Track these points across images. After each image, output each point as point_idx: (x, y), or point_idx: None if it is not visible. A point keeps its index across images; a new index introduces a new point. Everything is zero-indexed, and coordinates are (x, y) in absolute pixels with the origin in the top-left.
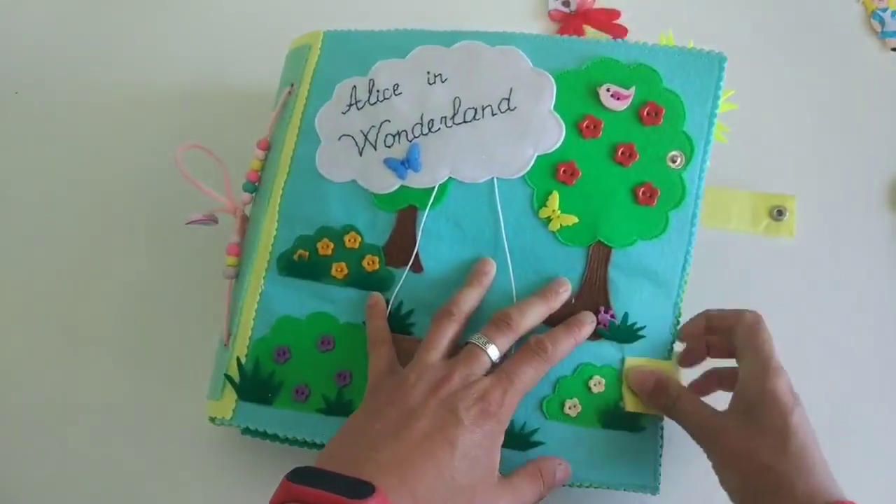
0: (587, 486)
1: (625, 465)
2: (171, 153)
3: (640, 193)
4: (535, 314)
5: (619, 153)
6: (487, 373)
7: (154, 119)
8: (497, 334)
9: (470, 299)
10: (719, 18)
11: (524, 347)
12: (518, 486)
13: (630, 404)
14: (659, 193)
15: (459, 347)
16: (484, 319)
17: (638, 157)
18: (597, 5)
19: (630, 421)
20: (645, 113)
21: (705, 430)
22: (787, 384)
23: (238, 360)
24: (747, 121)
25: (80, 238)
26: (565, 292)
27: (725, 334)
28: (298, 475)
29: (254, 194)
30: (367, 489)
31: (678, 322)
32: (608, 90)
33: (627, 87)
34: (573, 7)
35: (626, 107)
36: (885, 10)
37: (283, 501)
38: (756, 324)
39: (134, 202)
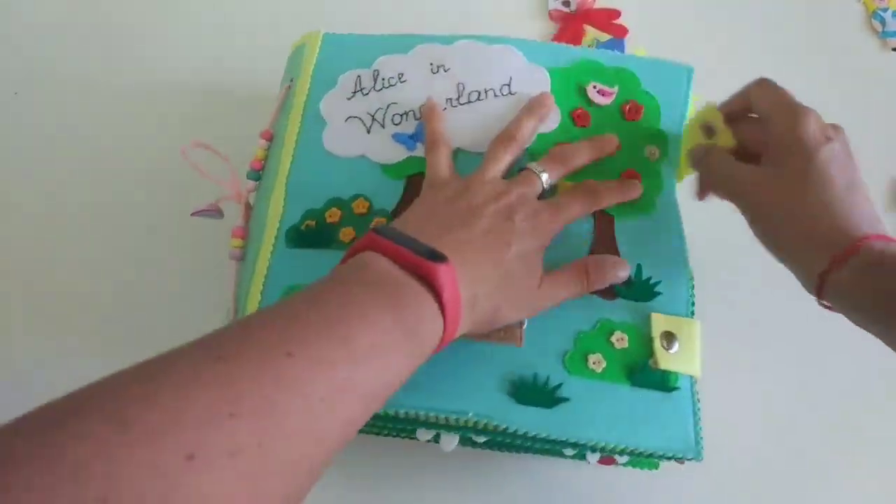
0: (622, 453)
1: (661, 429)
2: (172, 153)
3: (628, 178)
4: (585, 155)
5: None
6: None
7: (154, 119)
8: (551, 165)
9: (529, 126)
10: (720, 18)
11: (577, 186)
12: (558, 279)
13: (662, 361)
14: (641, 180)
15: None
16: None
17: (621, 147)
18: (597, 5)
19: (661, 380)
20: (627, 109)
21: (738, 185)
22: (815, 123)
23: None
24: None
25: (79, 238)
26: (611, 143)
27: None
28: (382, 229)
29: (258, 182)
30: (440, 256)
31: (693, 284)
32: (594, 87)
33: (611, 86)
34: (573, 7)
35: (610, 102)
36: (885, 10)
37: (365, 248)
38: (765, 82)
39: (133, 203)
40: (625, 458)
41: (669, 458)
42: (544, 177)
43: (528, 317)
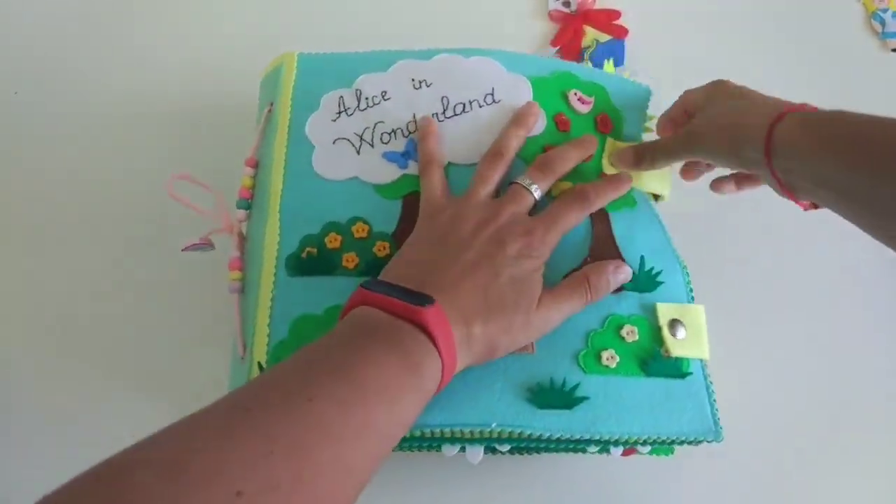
0: (645, 443)
1: (680, 414)
2: (171, 150)
3: None
4: (572, 159)
5: None
6: (530, 212)
7: (153, 119)
8: (539, 176)
9: (517, 139)
10: (720, 19)
11: (568, 192)
12: (559, 294)
13: (673, 348)
14: None
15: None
16: None
17: (593, 156)
18: (597, 6)
19: (674, 368)
20: (600, 120)
21: (688, 143)
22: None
23: (259, 364)
24: None
25: (78, 239)
26: (593, 143)
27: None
28: (369, 284)
29: (248, 211)
30: (427, 300)
31: (687, 271)
32: (575, 94)
33: (589, 96)
34: (573, 7)
35: (588, 111)
36: (885, 10)
37: (357, 304)
38: (690, 90)
39: (132, 202)
40: (647, 448)
41: (691, 443)
42: (534, 188)
43: (533, 339)
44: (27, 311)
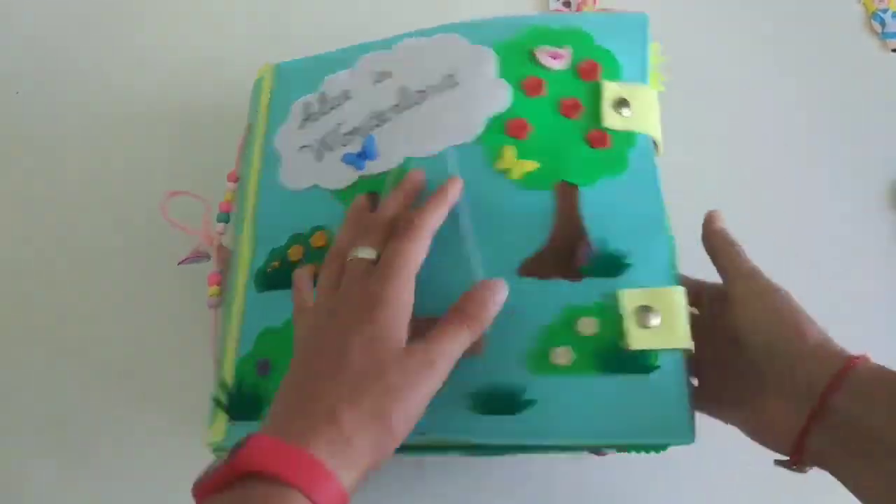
0: (601, 447)
1: (639, 416)
2: (171, 150)
3: (593, 139)
4: (392, 206)
5: (565, 107)
6: None
7: (154, 119)
8: (360, 239)
9: (345, 241)
10: (720, 19)
11: (393, 231)
12: (436, 341)
13: (635, 340)
14: (610, 136)
15: None
16: (445, 289)
17: (584, 108)
18: (598, 6)
19: (637, 361)
20: (583, 69)
21: (744, 285)
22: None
23: (223, 382)
24: (747, 121)
25: (77, 240)
26: (415, 178)
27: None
28: (196, 481)
29: (227, 224)
30: (240, 443)
31: (674, 247)
32: (544, 51)
33: (561, 47)
34: (574, 8)
35: (563, 65)
36: (885, 10)
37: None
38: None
39: (133, 203)
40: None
41: (655, 446)
42: (358, 252)
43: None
44: (23, 313)
